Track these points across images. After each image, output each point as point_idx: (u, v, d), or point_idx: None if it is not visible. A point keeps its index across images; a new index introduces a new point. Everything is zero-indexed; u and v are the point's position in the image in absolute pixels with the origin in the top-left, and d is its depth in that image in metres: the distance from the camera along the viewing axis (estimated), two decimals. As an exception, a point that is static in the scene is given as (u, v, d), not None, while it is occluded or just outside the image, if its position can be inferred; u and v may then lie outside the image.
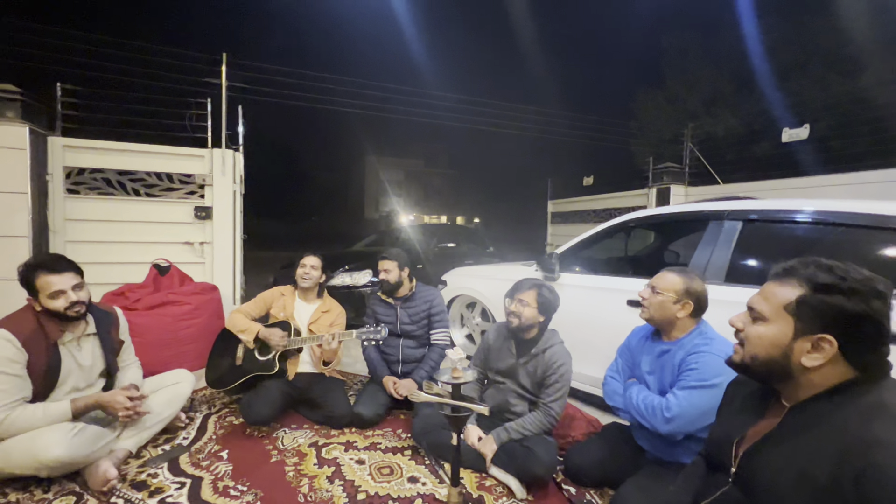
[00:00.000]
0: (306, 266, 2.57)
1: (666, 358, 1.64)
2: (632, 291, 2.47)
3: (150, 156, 3.61)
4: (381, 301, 2.65)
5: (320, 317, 2.59)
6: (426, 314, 2.60)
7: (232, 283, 3.87)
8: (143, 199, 3.64)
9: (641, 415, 1.56)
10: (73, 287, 1.81)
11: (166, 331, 3.03)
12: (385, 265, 2.56)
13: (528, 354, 1.99)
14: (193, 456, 2.00)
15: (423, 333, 2.61)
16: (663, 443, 1.62)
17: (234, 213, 3.85)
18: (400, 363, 2.57)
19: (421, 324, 2.59)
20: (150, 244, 3.62)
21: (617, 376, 1.84)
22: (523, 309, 1.95)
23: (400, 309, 2.59)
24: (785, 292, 0.89)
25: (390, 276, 2.54)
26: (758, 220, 2.18)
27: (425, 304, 2.60)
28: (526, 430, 1.88)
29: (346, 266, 4.85)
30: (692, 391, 1.46)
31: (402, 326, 2.57)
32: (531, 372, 1.98)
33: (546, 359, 1.94)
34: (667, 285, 1.62)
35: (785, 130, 4.41)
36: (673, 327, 1.64)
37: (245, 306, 2.58)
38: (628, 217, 2.70)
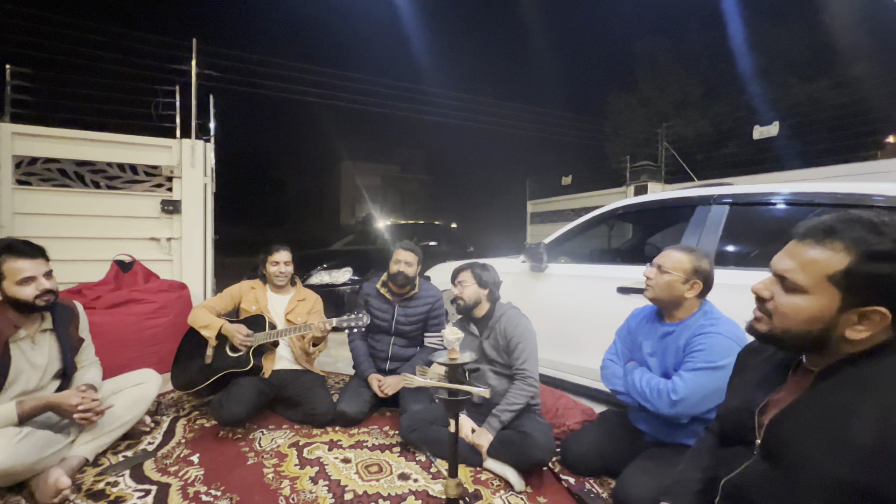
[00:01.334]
0: (279, 263, 2.41)
1: (669, 339, 1.59)
2: (622, 279, 2.45)
3: (111, 145, 3.37)
4: (378, 295, 2.47)
5: (296, 306, 2.45)
6: (424, 315, 2.46)
7: (203, 282, 3.65)
8: (104, 192, 3.39)
9: (646, 398, 1.50)
10: (45, 274, 1.64)
11: (129, 331, 2.80)
12: (406, 256, 2.37)
13: (487, 328, 1.99)
14: (160, 461, 1.81)
15: (417, 334, 2.48)
16: (665, 425, 1.57)
17: (205, 208, 3.64)
18: (388, 360, 2.44)
19: (417, 325, 2.45)
20: (112, 240, 3.37)
21: (616, 359, 1.78)
22: (464, 289, 1.99)
23: (398, 307, 2.43)
24: (828, 260, 0.77)
25: (409, 271, 2.37)
26: (745, 204, 2.19)
27: (425, 305, 2.46)
28: (513, 404, 1.81)
29: (325, 265, 4.68)
30: (699, 373, 1.42)
31: (397, 326, 2.43)
32: (494, 344, 1.95)
33: (502, 325, 1.94)
34: (674, 264, 1.58)
35: (756, 128, 4.57)
36: (678, 308, 1.60)
37: (209, 301, 2.41)
38: (616, 205, 2.69)
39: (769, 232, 2.17)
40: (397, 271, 2.37)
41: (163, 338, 2.96)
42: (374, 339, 2.48)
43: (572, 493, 1.64)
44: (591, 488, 1.67)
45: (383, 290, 2.46)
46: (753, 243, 2.20)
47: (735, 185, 2.48)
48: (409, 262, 2.38)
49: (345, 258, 4.80)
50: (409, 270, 2.38)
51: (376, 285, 2.50)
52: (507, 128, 8.08)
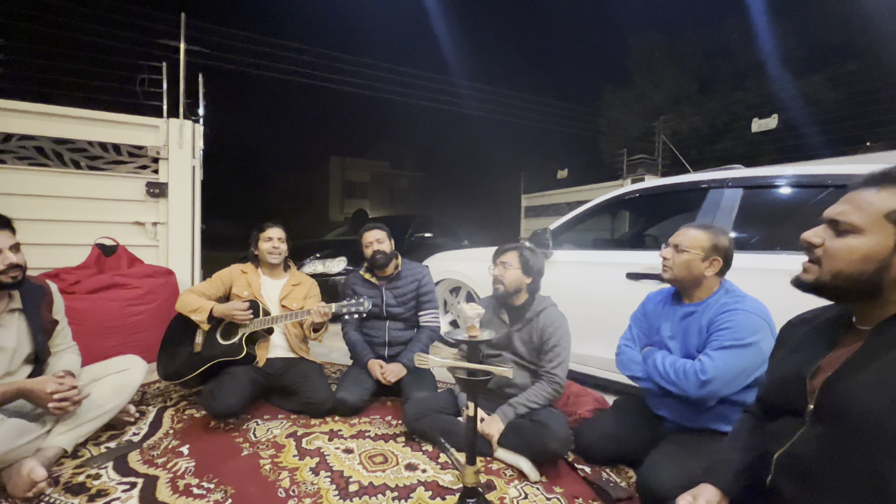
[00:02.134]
0: (273, 239, 2.28)
1: (691, 320, 1.52)
2: (631, 264, 2.38)
3: (93, 123, 3.18)
4: (363, 281, 2.40)
5: (291, 291, 2.32)
6: (414, 294, 2.38)
7: (190, 269, 3.48)
8: (85, 173, 3.20)
9: (670, 380, 1.43)
10: (11, 248, 1.48)
11: (111, 317, 2.64)
12: (376, 235, 2.32)
13: (522, 320, 1.84)
14: (146, 453, 1.68)
15: (411, 315, 2.38)
16: (689, 410, 1.49)
17: (193, 191, 3.47)
18: (386, 346, 2.33)
19: (409, 305, 2.37)
20: (93, 224, 3.18)
21: (632, 345, 1.71)
22: (506, 272, 1.83)
23: (385, 290, 2.35)
24: (885, 199, 0.77)
25: (384, 246, 2.31)
26: (758, 186, 2.14)
27: (413, 282, 2.38)
28: (532, 402, 1.71)
29: (318, 254, 4.54)
30: (728, 351, 1.35)
31: (387, 309, 2.34)
32: (526, 339, 1.83)
33: (541, 322, 1.80)
34: (692, 242, 1.51)
35: (755, 120, 4.56)
36: (698, 287, 1.53)
37: (198, 286, 2.27)
38: (624, 190, 2.62)
39: (782, 215, 2.12)
40: (374, 252, 2.30)
41: (147, 325, 2.80)
42: (368, 326, 2.37)
43: (589, 483, 1.56)
44: (608, 477, 1.59)
45: (367, 275, 2.39)
46: (767, 226, 2.14)
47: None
48: (380, 240, 2.33)
49: (339, 248, 4.66)
50: (384, 247, 2.32)
51: (360, 272, 2.43)
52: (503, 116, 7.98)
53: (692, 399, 1.38)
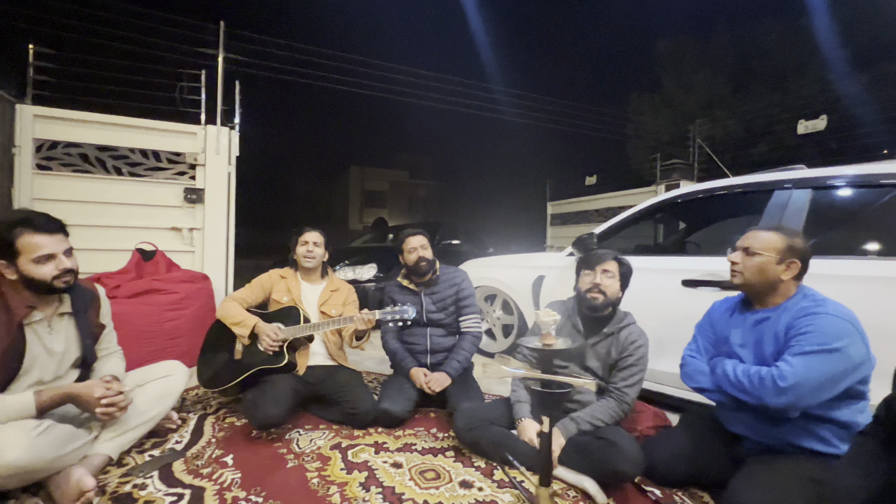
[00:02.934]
0: (308, 243, 2.24)
1: (765, 326, 1.39)
2: (687, 270, 2.24)
3: (135, 130, 3.23)
4: (401, 288, 2.33)
5: (330, 297, 2.26)
6: (454, 299, 2.30)
7: (224, 275, 3.48)
8: (126, 179, 3.24)
9: (744, 390, 1.30)
10: (65, 252, 1.47)
11: (149, 322, 2.63)
12: (420, 240, 2.24)
13: (600, 334, 1.72)
14: (190, 462, 1.62)
15: (451, 321, 2.30)
16: (769, 425, 1.35)
17: (228, 197, 3.49)
18: (428, 353, 2.25)
19: (449, 311, 2.29)
20: (132, 229, 3.22)
21: (697, 355, 1.58)
22: (610, 282, 1.71)
23: (424, 296, 2.27)
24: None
25: (427, 253, 2.24)
26: (831, 187, 1.99)
27: (451, 287, 2.30)
28: (597, 419, 1.59)
29: (347, 261, 4.51)
30: (810, 356, 1.22)
31: (428, 315, 2.26)
32: (602, 354, 1.71)
33: (622, 339, 1.68)
34: (764, 244, 1.39)
35: (801, 122, 4.35)
36: (774, 292, 1.40)
37: (239, 293, 2.23)
38: (675, 193, 2.49)
39: (861, 216, 1.96)
40: (418, 258, 2.22)
41: (183, 331, 2.79)
42: (409, 334, 2.28)
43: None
44: (682, 501, 1.46)
45: (405, 282, 2.32)
46: (844, 230, 1.99)
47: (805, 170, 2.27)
48: (424, 246, 2.25)
49: (368, 255, 4.63)
50: (427, 253, 2.24)
51: (397, 278, 2.35)
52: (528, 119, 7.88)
53: (770, 410, 1.25)
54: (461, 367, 2.17)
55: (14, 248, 1.38)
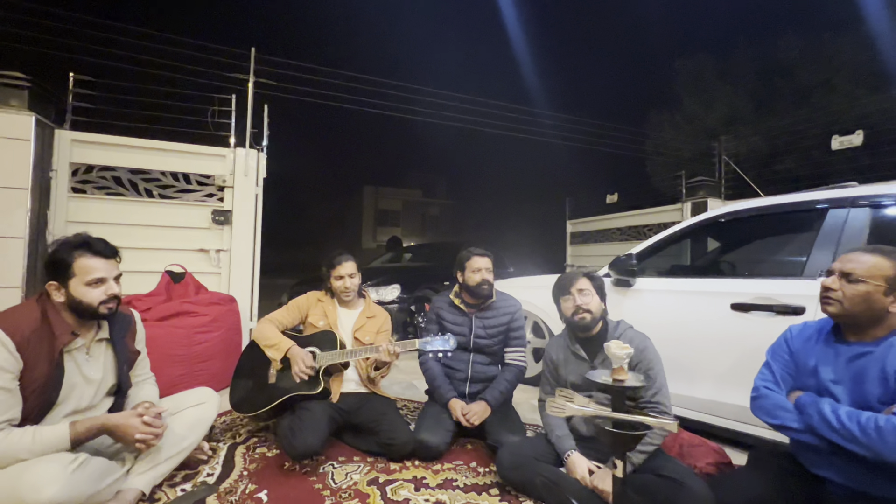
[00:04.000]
0: (344, 277, 2.16)
1: (866, 363, 1.26)
2: (737, 293, 2.12)
3: (168, 154, 3.28)
4: (452, 306, 2.24)
5: (365, 323, 2.20)
6: (505, 328, 2.19)
7: (250, 296, 3.46)
8: (156, 201, 3.28)
9: (853, 439, 1.16)
10: (115, 278, 1.46)
11: (178, 345, 2.60)
12: (486, 262, 2.17)
13: (602, 351, 1.64)
14: (223, 498, 1.55)
15: (498, 350, 2.20)
16: (872, 474, 1.20)
17: (255, 218, 3.50)
18: (468, 382, 2.15)
19: (497, 339, 2.18)
20: (160, 251, 3.23)
21: (774, 387, 1.45)
22: (589, 299, 1.68)
23: (475, 319, 2.19)
24: None
25: (491, 277, 2.17)
26: (894, 206, 1.88)
27: (505, 315, 2.19)
28: (646, 444, 1.49)
29: (369, 281, 4.46)
30: None
31: (475, 340, 2.16)
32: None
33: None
34: (870, 270, 1.25)
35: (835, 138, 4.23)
36: (877, 324, 1.27)
37: (276, 314, 2.18)
38: (719, 212, 2.39)
39: None
40: (482, 280, 2.14)
41: (212, 354, 2.75)
42: (451, 358, 2.19)
43: (739, 559, 1.29)
44: (759, 553, 1.32)
45: (457, 300, 2.22)
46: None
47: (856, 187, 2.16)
48: (489, 269, 2.18)
49: (391, 275, 4.58)
50: (491, 277, 2.17)
51: (449, 296, 2.27)
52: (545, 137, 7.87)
53: (888, 464, 1.12)
54: (502, 398, 2.07)
55: (70, 270, 1.37)
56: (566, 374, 1.75)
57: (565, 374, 1.75)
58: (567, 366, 1.75)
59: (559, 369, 1.78)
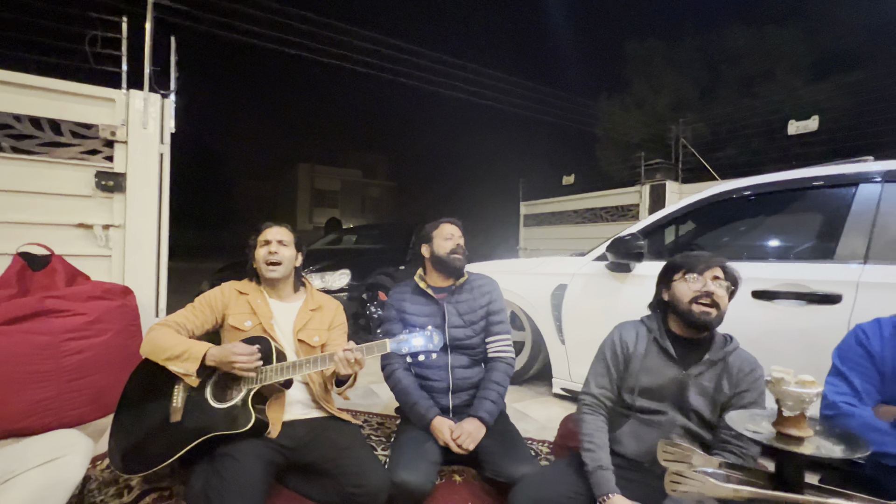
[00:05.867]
0: (271, 243, 1.59)
1: None
2: (758, 279, 1.86)
3: (24, 91, 2.36)
4: (417, 293, 1.76)
5: (310, 318, 1.63)
6: (484, 313, 1.76)
7: (154, 287, 2.67)
8: (8, 157, 2.36)
9: None
10: None
11: (39, 358, 1.84)
12: (454, 229, 1.75)
13: (703, 362, 1.26)
14: None
15: (479, 342, 1.75)
16: None
17: (161, 186, 2.69)
18: (450, 392, 1.68)
19: (477, 326, 1.74)
20: (17, 226, 2.34)
21: (856, 402, 1.15)
22: (723, 292, 1.25)
23: (448, 305, 1.72)
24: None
25: (462, 242, 1.75)
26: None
27: (483, 297, 1.76)
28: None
29: (311, 267, 3.80)
30: None
31: (450, 330, 1.69)
32: (709, 389, 1.25)
33: (734, 368, 1.24)
34: None
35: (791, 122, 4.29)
36: None
37: (175, 317, 1.54)
38: (731, 186, 2.11)
39: None
40: (455, 247, 1.72)
41: (93, 367, 2.00)
42: (422, 364, 1.71)
43: None
44: None
45: (422, 283, 1.75)
46: None
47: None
48: (461, 236, 1.77)
49: (338, 259, 3.95)
50: (462, 242, 1.77)
51: (415, 278, 1.79)
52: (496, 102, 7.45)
53: None
54: (497, 410, 1.63)
55: None
56: (638, 371, 1.33)
57: (637, 371, 1.33)
58: (644, 362, 1.33)
59: (632, 363, 1.35)
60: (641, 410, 1.31)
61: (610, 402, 1.38)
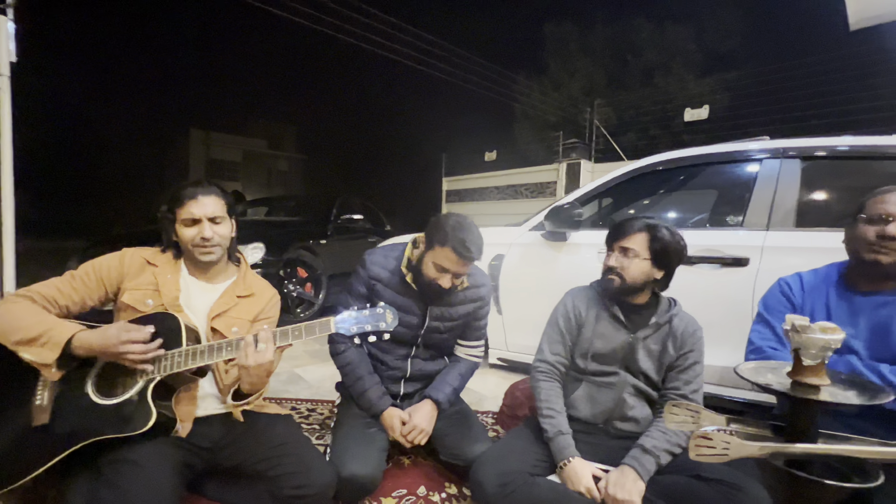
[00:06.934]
0: (202, 223, 1.22)
1: (890, 313, 1.14)
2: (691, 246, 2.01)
3: None
4: (398, 280, 1.46)
5: (234, 305, 1.31)
6: (469, 318, 1.54)
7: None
8: None
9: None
10: None
11: None
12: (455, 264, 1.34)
13: (648, 326, 1.28)
14: None
15: (451, 343, 1.60)
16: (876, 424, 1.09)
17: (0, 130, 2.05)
18: (403, 382, 1.52)
19: (455, 331, 1.55)
20: None
21: (780, 346, 1.27)
22: (630, 262, 1.25)
23: (433, 307, 1.47)
24: None
25: (463, 277, 1.46)
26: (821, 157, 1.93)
27: (472, 304, 1.52)
28: (675, 445, 1.18)
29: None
30: None
31: (427, 334, 1.49)
32: (656, 352, 1.29)
33: (677, 329, 1.28)
34: None
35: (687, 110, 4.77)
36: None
37: (43, 287, 1.15)
38: (657, 159, 2.23)
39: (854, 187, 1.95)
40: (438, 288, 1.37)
41: None
42: (383, 349, 1.50)
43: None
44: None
45: (409, 275, 1.43)
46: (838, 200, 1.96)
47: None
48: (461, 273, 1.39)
49: (250, 231, 3.49)
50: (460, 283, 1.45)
51: (401, 266, 1.45)
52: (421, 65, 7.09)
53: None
54: (454, 395, 1.51)
55: None
56: (591, 340, 1.32)
57: (590, 336, 1.32)
58: (595, 329, 1.32)
59: (584, 330, 1.34)
60: (594, 373, 1.32)
61: (564, 368, 1.37)
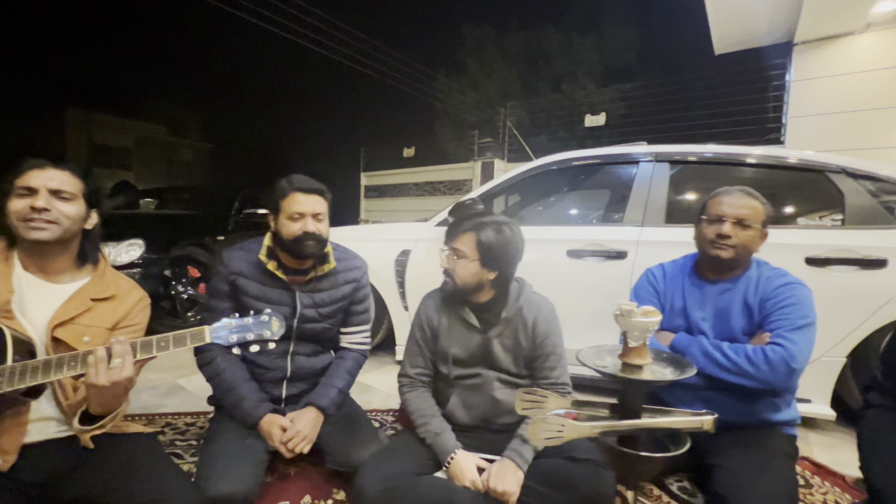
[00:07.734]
0: (37, 192, 1.02)
1: (730, 298, 1.32)
2: (572, 241, 2.16)
3: None
4: (260, 271, 1.37)
5: (87, 310, 1.10)
6: (347, 302, 1.49)
7: None
8: None
9: (743, 373, 1.18)
10: None
11: None
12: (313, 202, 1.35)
13: (499, 322, 1.29)
14: None
15: (333, 334, 1.52)
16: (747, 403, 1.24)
17: None
18: (285, 383, 1.43)
19: (334, 319, 1.48)
20: None
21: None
22: (457, 263, 1.26)
23: (301, 294, 1.40)
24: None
25: (323, 228, 1.37)
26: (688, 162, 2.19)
27: (347, 285, 1.47)
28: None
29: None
30: (803, 331, 1.19)
31: (301, 326, 1.41)
32: (510, 345, 1.30)
33: (530, 319, 1.28)
34: (756, 215, 1.28)
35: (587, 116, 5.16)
36: (744, 263, 1.33)
37: None
38: (552, 159, 2.37)
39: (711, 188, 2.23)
40: (304, 232, 1.31)
41: None
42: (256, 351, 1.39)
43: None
44: None
45: (270, 264, 1.37)
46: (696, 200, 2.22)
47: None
48: (321, 214, 1.37)
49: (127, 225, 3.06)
50: (323, 228, 1.37)
51: (259, 256, 1.37)
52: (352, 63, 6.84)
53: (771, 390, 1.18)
54: (342, 399, 1.45)
55: None
56: (448, 345, 1.31)
57: (447, 345, 1.32)
58: (450, 333, 1.32)
59: (439, 336, 1.33)
60: (459, 377, 1.32)
61: (428, 378, 1.38)
